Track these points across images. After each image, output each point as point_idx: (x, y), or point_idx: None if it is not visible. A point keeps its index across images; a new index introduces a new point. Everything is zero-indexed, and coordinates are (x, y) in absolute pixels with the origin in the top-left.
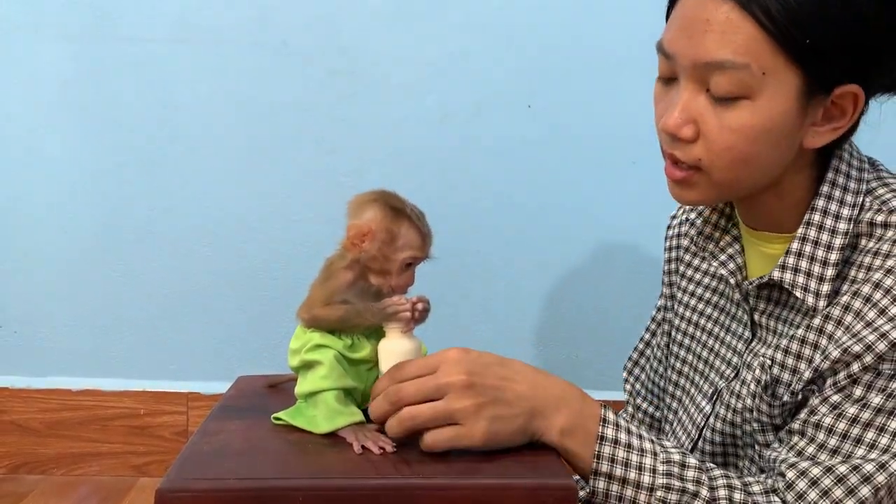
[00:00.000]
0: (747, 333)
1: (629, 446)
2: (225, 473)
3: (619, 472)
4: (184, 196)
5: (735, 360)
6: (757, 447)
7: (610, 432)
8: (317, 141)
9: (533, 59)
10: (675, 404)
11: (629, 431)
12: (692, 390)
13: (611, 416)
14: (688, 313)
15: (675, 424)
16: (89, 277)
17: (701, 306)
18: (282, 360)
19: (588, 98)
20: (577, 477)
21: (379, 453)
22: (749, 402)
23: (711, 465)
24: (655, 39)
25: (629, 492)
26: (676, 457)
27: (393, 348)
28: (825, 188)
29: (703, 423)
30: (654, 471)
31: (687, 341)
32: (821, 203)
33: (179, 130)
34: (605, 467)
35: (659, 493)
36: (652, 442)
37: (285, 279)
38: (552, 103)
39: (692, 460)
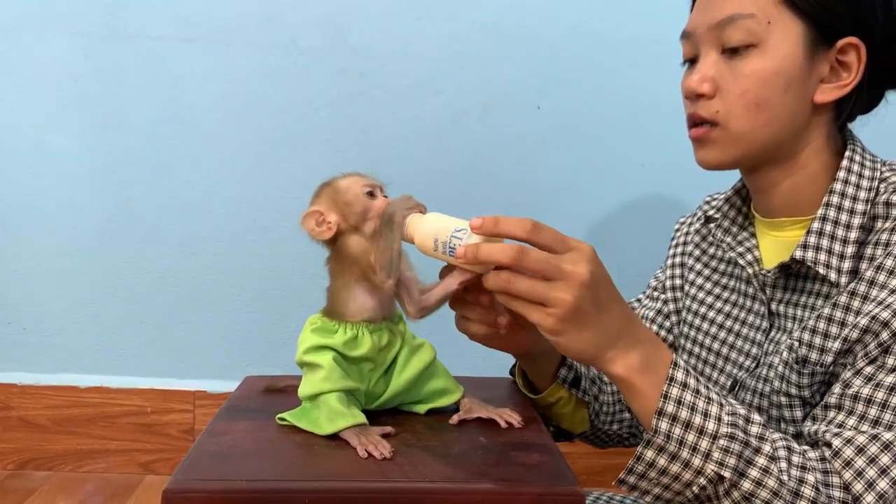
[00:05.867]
0: (765, 324)
1: (697, 392)
2: (232, 475)
3: (684, 414)
4: (192, 194)
5: (754, 350)
6: (783, 425)
7: (680, 376)
8: (326, 140)
9: (542, 60)
10: None
11: (698, 380)
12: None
13: (682, 362)
14: (695, 306)
15: None
16: (97, 275)
17: (710, 300)
18: (289, 360)
19: (597, 100)
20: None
21: (380, 458)
22: (777, 383)
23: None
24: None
25: (691, 436)
26: (742, 411)
27: (429, 224)
28: (841, 174)
29: None
30: (719, 419)
31: (700, 337)
32: (838, 186)
33: (188, 129)
34: (670, 408)
35: (722, 442)
36: (718, 394)
37: (294, 278)
38: (561, 105)
39: (757, 417)
